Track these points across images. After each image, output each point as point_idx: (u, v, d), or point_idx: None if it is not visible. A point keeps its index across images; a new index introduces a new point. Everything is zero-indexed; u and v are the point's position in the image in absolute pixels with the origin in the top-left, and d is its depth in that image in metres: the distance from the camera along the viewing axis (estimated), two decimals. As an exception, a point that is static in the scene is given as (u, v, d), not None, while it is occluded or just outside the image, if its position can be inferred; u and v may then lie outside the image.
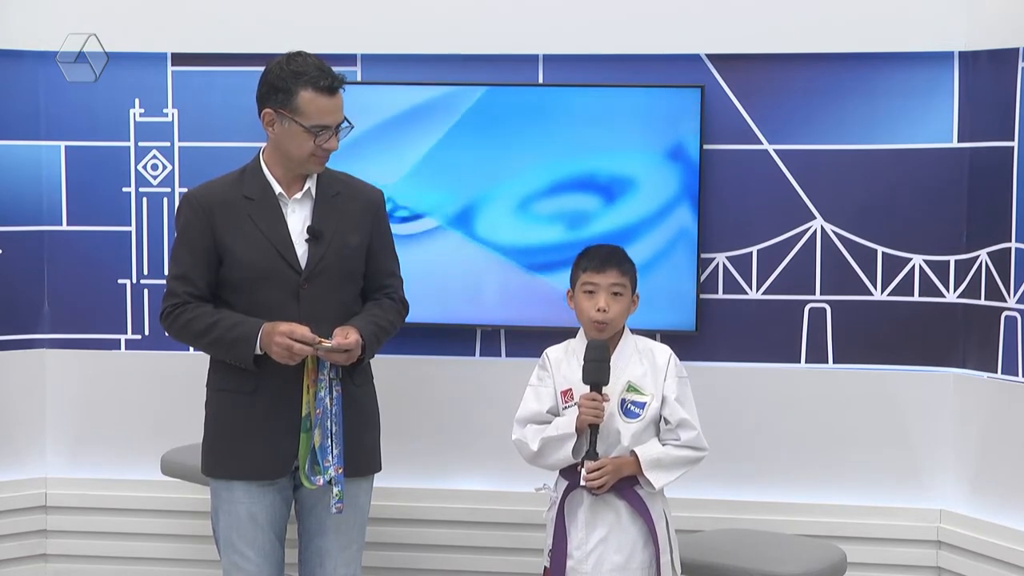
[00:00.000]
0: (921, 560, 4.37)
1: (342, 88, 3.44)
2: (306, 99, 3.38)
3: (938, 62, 4.30)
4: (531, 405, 3.56)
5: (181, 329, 3.45)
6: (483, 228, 4.44)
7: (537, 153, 4.40)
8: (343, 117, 3.44)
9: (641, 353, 3.56)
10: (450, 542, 4.56)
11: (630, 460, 3.45)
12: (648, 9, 4.40)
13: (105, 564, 4.70)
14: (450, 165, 4.43)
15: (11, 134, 4.61)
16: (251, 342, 3.35)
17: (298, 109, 3.38)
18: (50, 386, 4.72)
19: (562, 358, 3.58)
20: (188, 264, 3.45)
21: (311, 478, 3.41)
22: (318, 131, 3.39)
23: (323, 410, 3.40)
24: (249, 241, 3.43)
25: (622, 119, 4.38)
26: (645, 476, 3.44)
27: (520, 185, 4.42)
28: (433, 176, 4.44)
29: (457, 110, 4.41)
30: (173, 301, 3.45)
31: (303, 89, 3.38)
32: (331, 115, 3.41)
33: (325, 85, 3.39)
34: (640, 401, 3.49)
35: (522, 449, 3.53)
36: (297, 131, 3.40)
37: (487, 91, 4.40)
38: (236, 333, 3.37)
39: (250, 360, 3.36)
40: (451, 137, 4.42)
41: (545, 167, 4.40)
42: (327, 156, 3.47)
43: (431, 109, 4.42)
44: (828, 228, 4.39)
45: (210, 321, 3.40)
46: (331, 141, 3.43)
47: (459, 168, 4.43)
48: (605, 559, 3.46)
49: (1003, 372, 4.17)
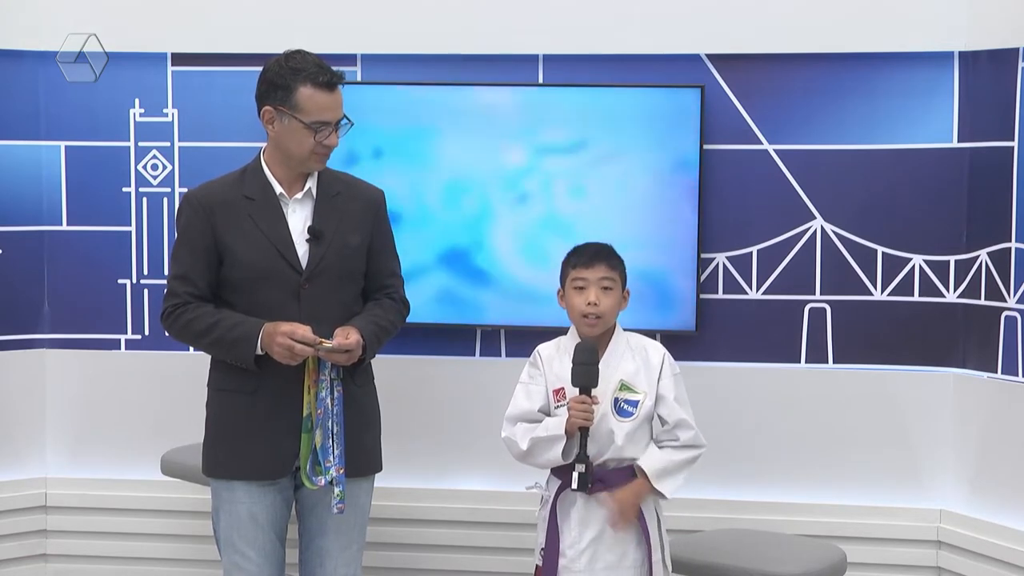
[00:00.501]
0: (921, 560, 4.37)
1: (341, 85, 3.44)
2: (305, 95, 3.38)
3: (938, 62, 4.30)
4: (522, 403, 3.55)
5: (182, 329, 3.45)
6: (483, 227, 4.45)
7: (537, 153, 4.40)
8: (343, 114, 3.44)
9: (634, 350, 3.55)
10: (450, 542, 4.56)
11: (639, 482, 3.45)
12: (648, 9, 4.40)
13: (105, 564, 4.70)
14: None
15: (11, 134, 4.61)
16: (252, 342, 3.35)
17: (297, 106, 3.38)
18: (50, 386, 4.71)
19: (554, 356, 3.57)
20: (189, 264, 3.45)
21: (312, 478, 3.41)
22: (318, 127, 3.39)
23: (324, 410, 3.40)
24: (249, 241, 3.43)
25: (622, 119, 4.38)
26: (656, 488, 3.44)
27: (520, 185, 4.42)
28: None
29: (458, 109, 4.42)
30: (174, 301, 3.45)
31: (302, 85, 3.38)
32: (330, 111, 3.41)
33: (324, 81, 3.39)
34: (633, 400, 3.49)
35: (511, 447, 3.53)
36: (297, 128, 3.39)
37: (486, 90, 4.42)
38: (237, 333, 3.37)
39: (251, 360, 3.36)
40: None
41: (545, 167, 4.40)
42: (328, 154, 3.47)
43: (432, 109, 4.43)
44: (828, 228, 4.39)
45: (211, 321, 3.40)
46: (331, 138, 3.43)
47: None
48: (598, 558, 3.46)
49: (1003, 372, 4.17)
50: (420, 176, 4.44)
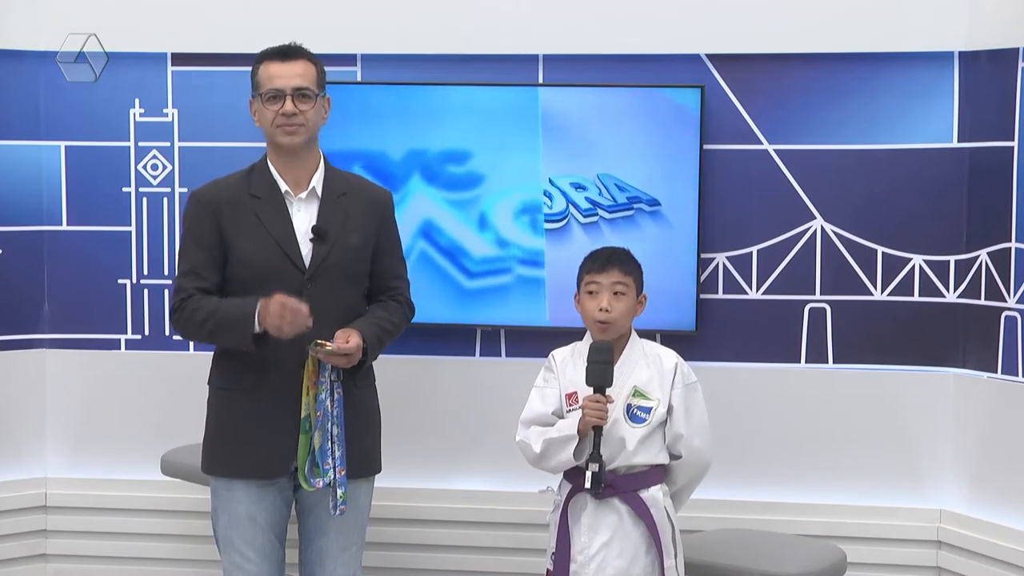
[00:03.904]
0: (921, 560, 4.37)
1: (303, 57, 3.48)
2: (263, 72, 3.49)
3: (938, 62, 4.30)
4: (536, 406, 3.56)
5: (187, 322, 3.44)
6: (482, 228, 4.45)
7: (536, 152, 4.40)
8: (303, 85, 3.45)
9: (648, 358, 3.55)
10: (450, 542, 4.55)
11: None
12: (648, 9, 4.40)
13: (105, 564, 4.70)
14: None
15: (11, 134, 4.61)
16: (250, 320, 3.33)
17: (259, 84, 3.48)
18: (50, 386, 4.71)
19: (568, 360, 3.57)
20: (198, 260, 3.44)
21: (310, 480, 3.41)
22: (271, 95, 3.43)
23: (324, 412, 3.39)
24: (254, 239, 3.43)
25: (622, 119, 4.38)
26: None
27: (519, 184, 4.42)
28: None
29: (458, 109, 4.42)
30: (181, 296, 3.44)
31: (261, 65, 3.49)
32: (281, 79, 3.45)
33: (275, 52, 3.48)
34: (646, 406, 3.49)
35: (526, 451, 3.53)
36: (259, 105, 3.47)
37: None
38: (236, 314, 3.36)
39: (250, 339, 3.33)
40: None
41: (545, 167, 4.40)
42: (290, 125, 3.44)
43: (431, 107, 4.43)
44: (828, 228, 4.39)
45: (211, 309, 3.40)
46: (287, 105, 3.43)
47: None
48: (608, 563, 3.46)
49: (1003, 372, 4.17)
50: (420, 175, 4.44)
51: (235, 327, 3.36)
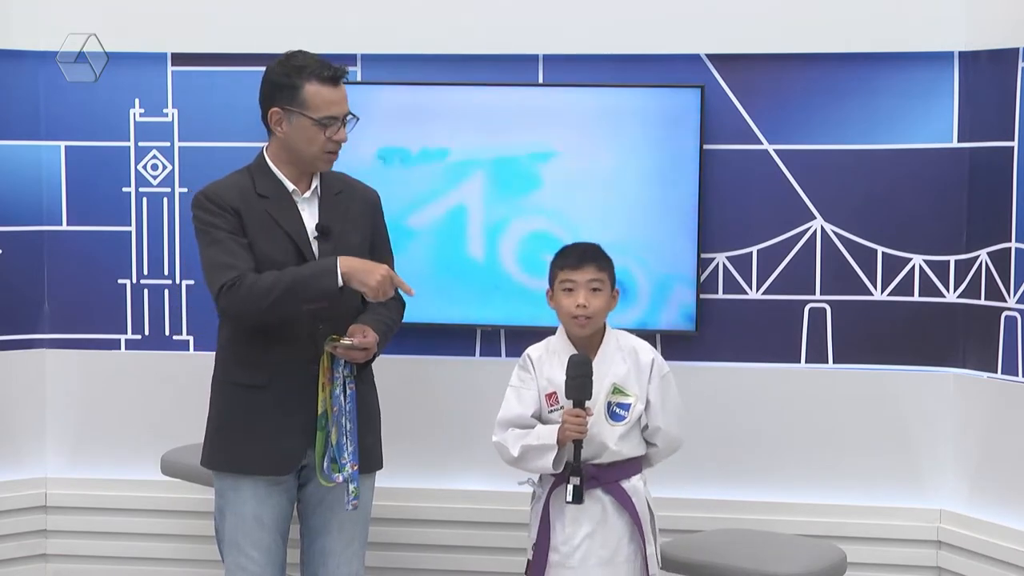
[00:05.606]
0: (921, 560, 4.37)
1: (344, 79, 3.46)
2: (311, 91, 3.39)
3: (938, 62, 4.30)
4: (514, 408, 3.54)
5: (248, 293, 3.30)
6: (481, 228, 4.45)
7: (537, 153, 4.40)
8: (348, 109, 3.45)
9: (624, 351, 3.55)
10: (450, 542, 4.56)
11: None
12: (648, 9, 4.40)
13: (105, 564, 4.70)
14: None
15: (11, 134, 4.61)
16: (331, 274, 3.28)
17: (305, 103, 3.39)
18: (50, 386, 4.71)
19: (544, 358, 3.56)
20: (235, 250, 3.36)
21: (330, 476, 3.40)
22: (327, 123, 3.40)
23: (339, 408, 3.39)
24: (271, 238, 3.42)
25: (622, 119, 4.38)
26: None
27: (520, 185, 4.42)
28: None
29: (458, 109, 4.42)
30: (231, 275, 3.32)
31: (307, 82, 3.39)
32: (337, 105, 3.42)
33: (329, 75, 3.41)
34: (625, 403, 3.50)
35: (503, 452, 3.53)
36: (306, 125, 3.40)
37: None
38: (309, 271, 3.32)
39: (335, 289, 3.28)
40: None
41: (545, 167, 4.40)
42: (337, 151, 3.47)
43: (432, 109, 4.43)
44: (828, 228, 4.39)
45: (276, 275, 3.32)
46: (340, 132, 3.43)
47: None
48: (591, 553, 3.48)
49: (1003, 372, 4.17)
50: (420, 175, 4.43)
51: (315, 281, 3.29)
